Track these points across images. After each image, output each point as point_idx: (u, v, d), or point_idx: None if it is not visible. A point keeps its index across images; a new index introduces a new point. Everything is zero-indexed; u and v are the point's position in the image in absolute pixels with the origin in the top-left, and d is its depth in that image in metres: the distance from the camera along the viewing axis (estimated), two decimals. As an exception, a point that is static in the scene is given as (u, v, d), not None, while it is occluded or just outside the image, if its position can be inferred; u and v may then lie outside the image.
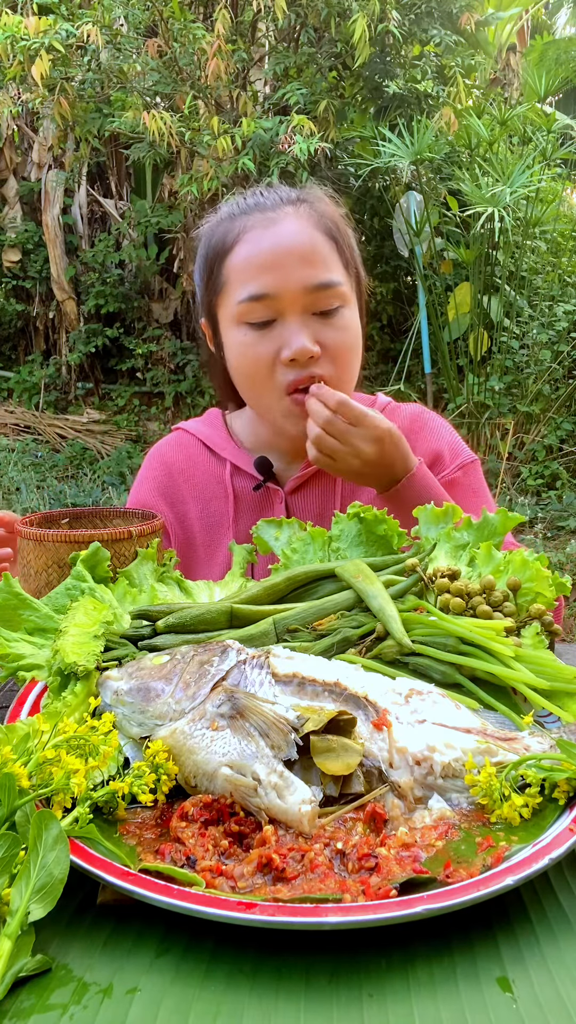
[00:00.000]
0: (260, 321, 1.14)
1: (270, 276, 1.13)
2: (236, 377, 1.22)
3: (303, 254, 1.14)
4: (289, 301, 1.13)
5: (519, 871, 0.56)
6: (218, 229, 1.21)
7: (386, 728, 0.68)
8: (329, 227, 1.18)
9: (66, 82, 4.99)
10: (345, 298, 1.17)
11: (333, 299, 1.15)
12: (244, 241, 1.16)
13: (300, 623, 0.86)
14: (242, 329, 1.16)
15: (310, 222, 1.17)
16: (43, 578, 0.96)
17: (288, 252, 1.14)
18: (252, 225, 1.17)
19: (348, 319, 1.18)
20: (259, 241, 1.15)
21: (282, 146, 4.65)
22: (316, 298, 1.14)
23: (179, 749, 0.67)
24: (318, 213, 1.19)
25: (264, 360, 1.15)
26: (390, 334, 6.22)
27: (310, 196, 1.22)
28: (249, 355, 1.16)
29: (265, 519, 1.03)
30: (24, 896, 0.54)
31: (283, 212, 1.17)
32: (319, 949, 0.55)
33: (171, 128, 4.74)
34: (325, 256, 1.16)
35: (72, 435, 6.43)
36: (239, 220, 1.19)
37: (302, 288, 1.13)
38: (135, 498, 1.36)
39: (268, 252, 1.14)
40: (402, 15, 5.02)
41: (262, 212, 1.18)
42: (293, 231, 1.15)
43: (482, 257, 4.92)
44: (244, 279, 1.15)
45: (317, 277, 1.14)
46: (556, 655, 0.81)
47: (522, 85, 6.84)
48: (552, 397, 5.05)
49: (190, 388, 6.49)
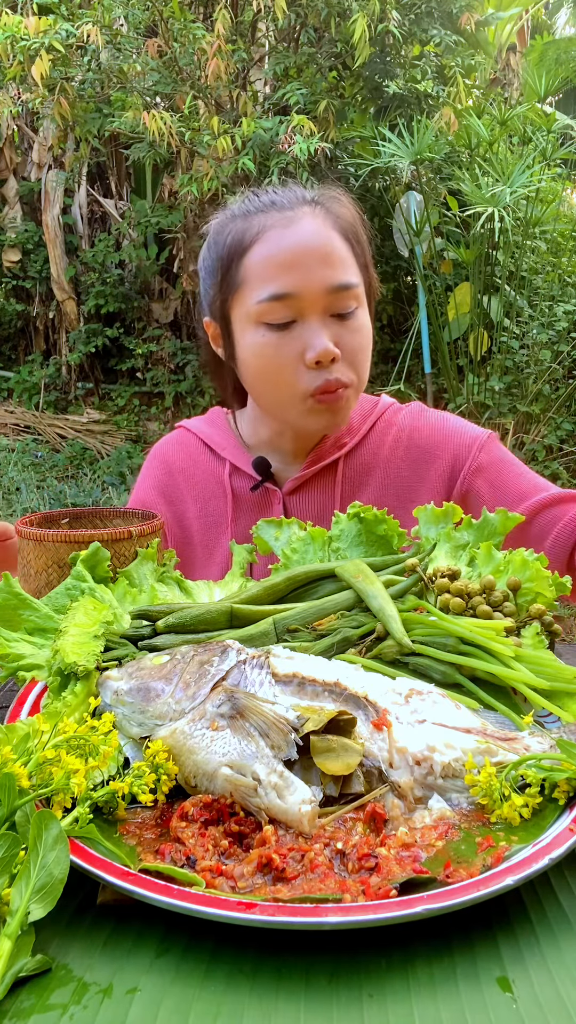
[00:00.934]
0: (280, 322, 1.13)
1: (292, 276, 1.12)
2: (252, 376, 1.20)
3: (323, 255, 1.13)
4: (310, 302, 1.12)
5: (519, 871, 0.56)
6: (232, 227, 1.18)
7: (386, 728, 0.68)
8: (345, 228, 1.18)
9: (66, 82, 4.99)
10: (360, 300, 1.17)
11: (351, 301, 1.15)
12: (263, 240, 1.14)
13: (300, 623, 0.86)
14: (260, 330, 1.14)
15: (327, 222, 1.16)
16: (43, 578, 0.96)
17: (309, 252, 1.12)
18: (271, 224, 1.15)
19: (363, 321, 1.18)
20: (279, 240, 1.13)
21: (282, 146, 4.64)
22: (335, 299, 1.13)
23: (179, 749, 0.67)
24: (334, 214, 1.18)
25: (286, 362, 1.13)
26: (390, 334, 6.22)
27: (326, 197, 1.21)
28: (270, 356, 1.14)
29: (265, 519, 1.03)
30: (24, 896, 0.54)
31: (301, 211, 1.16)
32: (319, 949, 0.55)
33: (171, 128, 4.73)
34: (343, 257, 1.15)
35: (72, 435, 6.43)
36: (256, 218, 1.16)
37: (324, 289, 1.12)
38: (136, 496, 1.36)
39: (289, 251, 1.12)
40: (402, 15, 5.02)
41: (279, 211, 1.16)
42: (312, 231, 1.14)
43: (482, 257, 4.92)
44: (264, 279, 1.13)
45: (337, 278, 1.13)
46: (556, 655, 0.81)
47: (522, 85, 6.84)
48: (552, 397, 5.05)
49: (190, 388, 6.49)
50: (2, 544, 1.11)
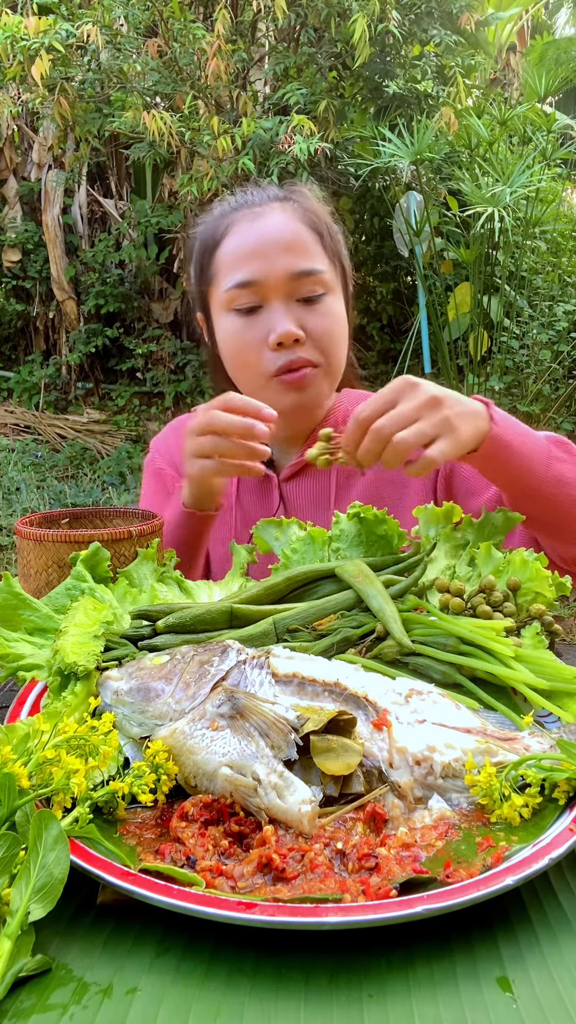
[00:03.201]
0: (246, 307, 1.21)
1: (255, 264, 1.20)
2: (227, 362, 1.28)
3: (287, 243, 1.21)
4: (273, 287, 1.20)
5: (519, 871, 0.56)
6: (210, 224, 1.29)
7: (386, 728, 0.68)
8: (313, 220, 1.25)
9: (66, 82, 4.98)
10: (328, 286, 1.23)
11: (316, 286, 1.22)
12: (232, 234, 1.24)
13: (300, 623, 0.86)
14: (230, 316, 1.23)
15: (295, 216, 1.24)
16: (43, 578, 0.96)
17: (272, 242, 1.21)
18: (239, 219, 1.25)
19: (331, 306, 1.24)
20: (245, 233, 1.23)
21: (282, 146, 4.64)
22: (299, 284, 1.21)
23: (179, 749, 0.67)
24: (303, 208, 1.26)
25: (252, 344, 1.21)
26: (390, 334, 6.22)
27: (296, 193, 1.29)
28: (237, 340, 1.23)
29: (265, 519, 1.04)
30: (24, 896, 0.54)
31: (269, 207, 1.25)
32: (319, 949, 0.55)
33: (171, 128, 4.73)
34: (308, 245, 1.22)
35: (72, 435, 6.42)
36: (228, 216, 1.26)
37: (285, 275, 1.20)
38: (150, 461, 1.42)
39: (253, 242, 1.21)
40: (402, 15, 5.02)
41: (249, 208, 1.26)
42: (278, 223, 1.23)
43: (482, 257, 4.92)
44: (232, 268, 1.22)
45: (299, 265, 1.20)
46: (556, 655, 0.81)
47: (522, 85, 6.83)
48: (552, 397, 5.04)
49: (190, 388, 6.49)
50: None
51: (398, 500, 1.28)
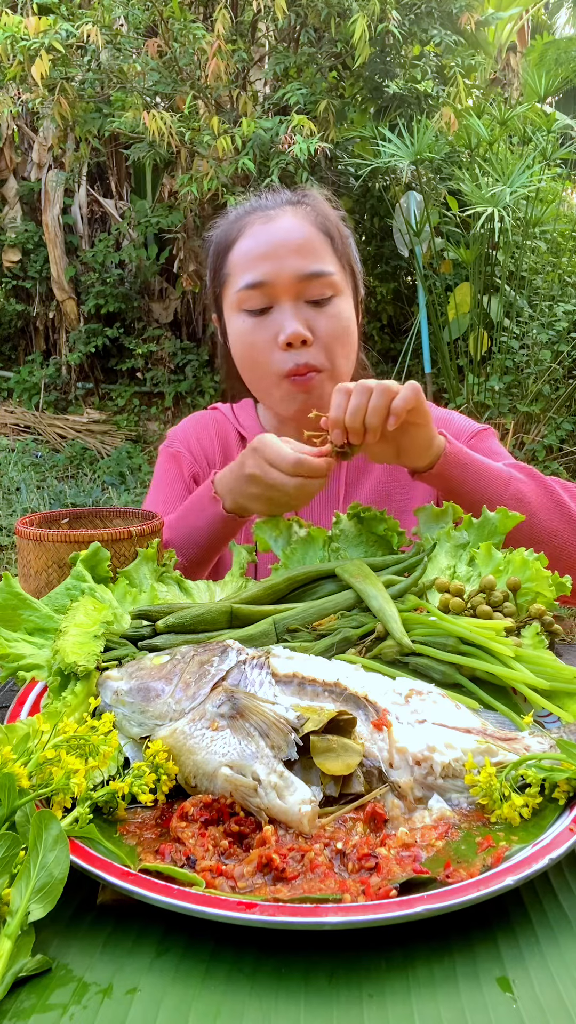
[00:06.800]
0: (257, 308, 1.23)
1: (266, 265, 1.22)
2: (238, 362, 1.30)
3: (297, 246, 1.22)
4: (283, 288, 1.22)
5: (519, 871, 0.56)
6: (224, 227, 1.32)
7: (386, 728, 0.68)
8: (324, 223, 1.27)
9: (66, 82, 4.98)
10: (337, 288, 1.25)
11: (325, 288, 1.23)
12: (245, 237, 1.26)
13: (300, 623, 0.86)
14: (241, 316, 1.25)
15: (307, 219, 1.26)
16: (43, 578, 0.96)
17: (284, 244, 1.22)
18: (252, 222, 1.27)
19: (340, 308, 1.25)
20: (257, 235, 1.25)
21: (282, 146, 4.64)
22: (308, 286, 1.22)
23: (179, 749, 0.67)
24: (315, 212, 1.28)
25: (261, 345, 1.23)
26: (390, 334, 6.22)
27: (308, 197, 1.31)
28: (247, 340, 1.25)
29: (264, 519, 1.03)
30: (24, 896, 0.54)
31: (282, 211, 1.27)
32: (319, 949, 0.55)
33: (171, 128, 4.73)
34: (318, 248, 1.24)
35: (72, 435, 6.42)
36: (242, 219, 1.29)
37: (295, 276, 1.21)
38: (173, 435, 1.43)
39: (264, 245, 1.23)
40: (402, 15, 5.01)
41: (263, 211, 1.28)
42: (289, 226, 1.25)
43: (482, 257, 4.92)
44: (243, 270, 1.24)
45: (309, 266, 1.22)
46: (556, 655, 0.81)
47: (522, 85, 6.83)
48: (552, 397, 5.04)
49: (190, 388, 6.49)
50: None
51: (405, 501, 1.29)
